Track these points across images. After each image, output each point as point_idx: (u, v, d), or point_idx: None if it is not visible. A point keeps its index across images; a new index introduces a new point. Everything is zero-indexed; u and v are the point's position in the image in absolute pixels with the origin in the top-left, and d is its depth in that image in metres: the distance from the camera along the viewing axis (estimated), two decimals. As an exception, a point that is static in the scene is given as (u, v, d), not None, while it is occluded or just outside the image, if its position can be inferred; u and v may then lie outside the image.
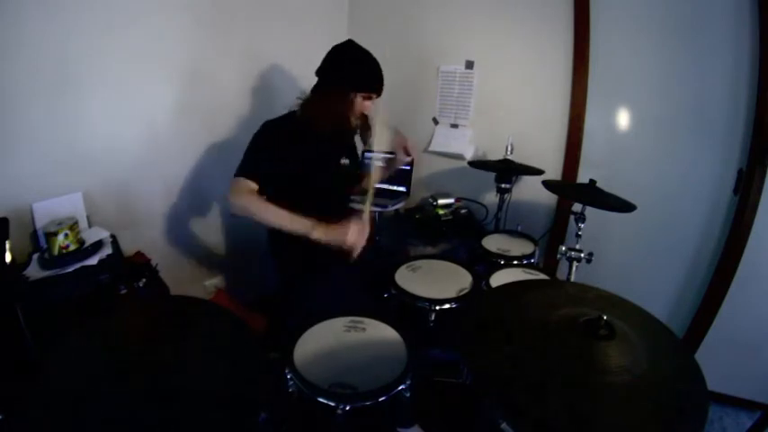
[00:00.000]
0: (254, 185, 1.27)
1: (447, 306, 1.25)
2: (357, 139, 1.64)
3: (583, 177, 1.97)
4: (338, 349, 1.01)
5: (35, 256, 1.25)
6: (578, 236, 1.45)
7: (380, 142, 1.43)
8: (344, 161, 1.59)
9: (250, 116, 1.96)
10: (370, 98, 1.43)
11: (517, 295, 0.92)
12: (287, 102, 1.47)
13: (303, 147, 1.37)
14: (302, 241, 1.51)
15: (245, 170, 1.29)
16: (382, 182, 2.38)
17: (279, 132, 1.38)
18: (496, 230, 1.95)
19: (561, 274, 1.99)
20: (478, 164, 1.93)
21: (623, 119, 1.92)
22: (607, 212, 1.41)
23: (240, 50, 1.88)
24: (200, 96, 1.78)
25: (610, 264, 1.89)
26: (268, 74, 2.00)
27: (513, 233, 1.87)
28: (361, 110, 1.43)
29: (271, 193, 1.31)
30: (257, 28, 1.92)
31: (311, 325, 1.09)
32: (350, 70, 1.39)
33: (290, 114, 1.44)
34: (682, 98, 1.76)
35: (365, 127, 1.49)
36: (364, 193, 1.37)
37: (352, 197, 1.70)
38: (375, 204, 2.08)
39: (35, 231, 1.31)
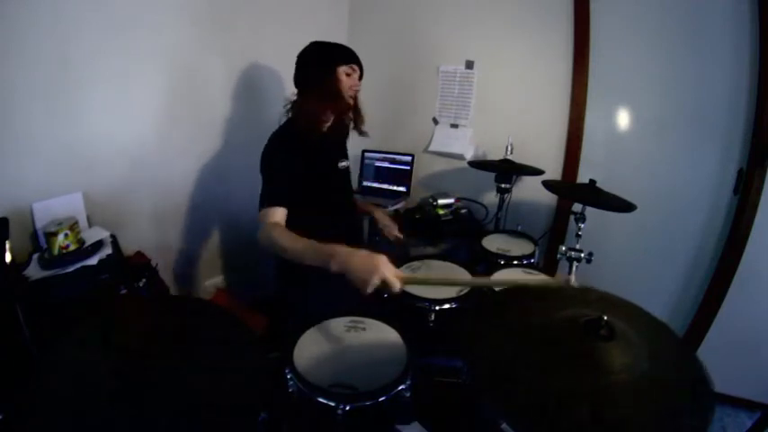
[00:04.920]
0: (282, 212, 1.24)
1: (447, 306, 1.24)
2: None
3: (583, 177, 1.97)
4: (338, 349, 1.01)
5: (35, 256, 1.25)
6: (578, 236, 1.45)
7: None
8: (343, 164, 1.57)
9: (250, 117, 1.96)
10: (351, 72, 1.41)
11: (517, 296, 0.92)
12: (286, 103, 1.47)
13: (311, 153, 1.37)
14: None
15: (270, 199, 1.26)
16: (382, 182, 2.41)
17: (289, 147, 1.35)
18: (496, 230, 1.94)
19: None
20: (478, 164, 1.93)
21: (623, 119, 1.92)
22: (607, 212, 1.41)
23: (239, 52, 1.88)
24: (199, 97, 1.78)
25: (610, 264, 1.89)
26: (268, 75, 2.00)
27: (513, 233, 1.87)
28: (348, 87, 1.40)
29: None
30: (257, 30, 1.92)
31: (311, 325, 1.09)
32: (325, 50, 1.42)
33: (289, 124, 1.42)
34: (682, 98, 1.76)
35: (357, 112, 1.47)
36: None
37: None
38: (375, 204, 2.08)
39: (35, 231, 1.31)
